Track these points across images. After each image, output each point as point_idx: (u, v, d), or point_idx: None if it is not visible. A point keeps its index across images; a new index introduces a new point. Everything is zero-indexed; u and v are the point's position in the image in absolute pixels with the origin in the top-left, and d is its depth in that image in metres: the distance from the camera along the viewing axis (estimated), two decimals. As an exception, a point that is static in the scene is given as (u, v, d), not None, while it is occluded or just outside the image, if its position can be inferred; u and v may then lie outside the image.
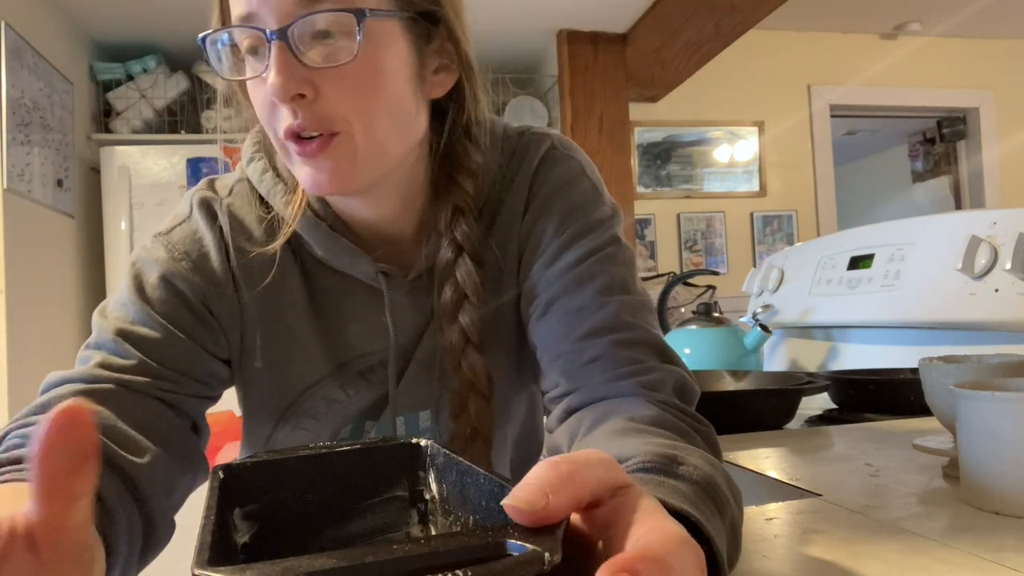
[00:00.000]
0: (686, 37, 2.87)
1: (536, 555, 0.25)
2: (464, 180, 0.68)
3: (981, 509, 0.53)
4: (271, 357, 0.68)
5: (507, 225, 0.70)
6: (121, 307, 0.63)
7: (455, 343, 0.66)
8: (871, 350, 1.36)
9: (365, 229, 0.68)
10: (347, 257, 0.66)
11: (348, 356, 0.69)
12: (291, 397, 0.69)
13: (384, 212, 0.67)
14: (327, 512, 0.41)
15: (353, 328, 0.69)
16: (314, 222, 0.66)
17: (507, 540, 0.26)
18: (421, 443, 0.42)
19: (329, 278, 0.68)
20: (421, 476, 0.42)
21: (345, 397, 0.70)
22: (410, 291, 0.69)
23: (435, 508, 0.41)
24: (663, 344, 0.63)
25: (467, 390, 0.67)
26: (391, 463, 0.42)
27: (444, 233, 0.67)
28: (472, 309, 0.66)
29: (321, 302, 0.69)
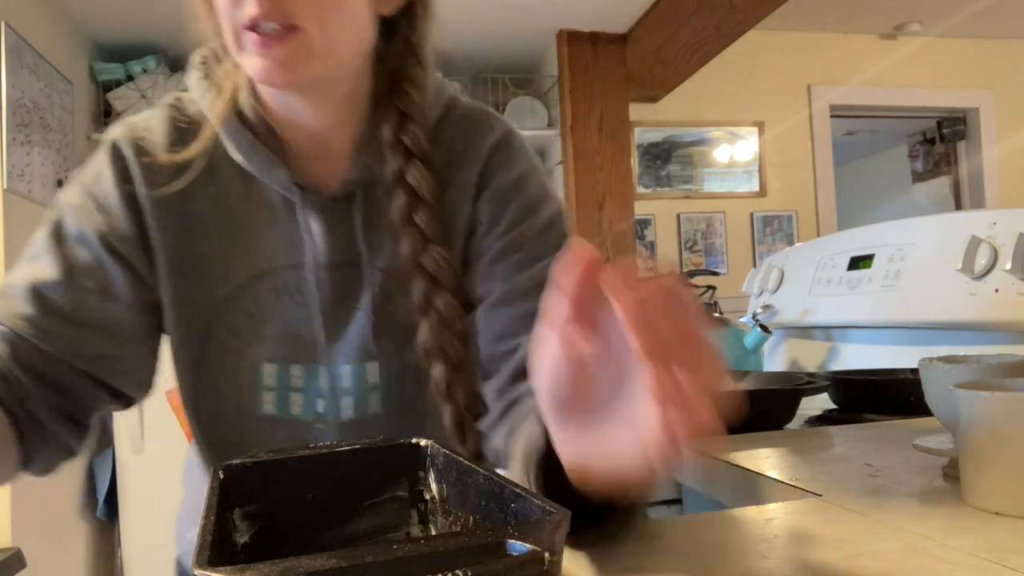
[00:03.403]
0: (686, 37, 2.87)
1: (536, 555, 0.25)
2: (411, 89, 0.69)
3: (981, 509, 0.52)
4: (187, 272, 0.68)
5: (457, 197, 0.70)
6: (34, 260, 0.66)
7: (414, 245, 0.66)
8: (871, 350, 1.36)
9: (299, 135, 0.68)
10: (264, 164, 0.67)
11: (261, 268, 0.69)
12: (210, 312, 0.69)
13: (323, 118, 0.67)
14: (327, 512, 0.41)
15: (271, 240, 0.69)
16: (238, 127, 0.67)
17: (507, 540, 0.26)
18: (421, 443, 0.43)
19: (246, 188, 0.69)
20: (421, 476, 0.43)
21: (259, 311, 0.69)
22: (330, 209, 0.68)
23: (435, 508, 0.41)
24: None
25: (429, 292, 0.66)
26: (391, 463, 0.43)
27: (390, 142, 0.67)
28: (428, 211, 0.66)
29: (236, 212, 0.69)
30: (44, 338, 0.63)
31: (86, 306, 0.65)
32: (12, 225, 2.28)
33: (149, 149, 0.68)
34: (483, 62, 3.10)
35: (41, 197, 2.48)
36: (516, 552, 0.26)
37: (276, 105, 0.67)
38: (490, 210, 0.70)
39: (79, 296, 0.65)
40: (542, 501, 0.30)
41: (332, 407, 0.70)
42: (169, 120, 0.70)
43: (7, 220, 2.25)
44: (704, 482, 0.77)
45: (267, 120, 0.68)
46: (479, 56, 3.07)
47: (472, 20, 2.78)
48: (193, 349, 0.70)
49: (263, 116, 0.68)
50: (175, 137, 0.68)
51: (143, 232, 0.67)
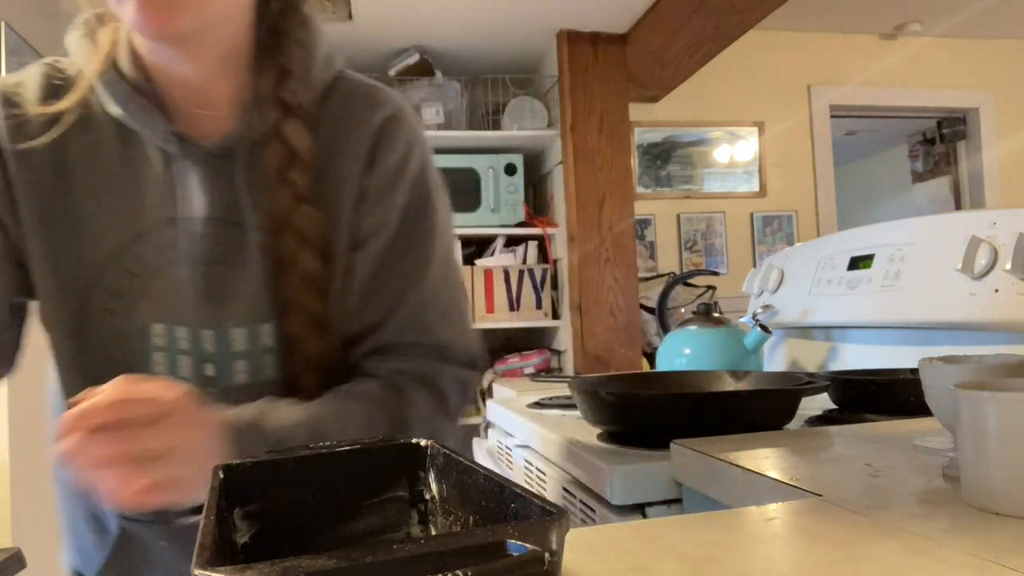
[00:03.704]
0: (686, 37, 2.87)
1: (536, 555, 0.25)
2: (293, 46, 0.69)
3: (981, 509, 0.52)
4: (60, 227, 0.67)
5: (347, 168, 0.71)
6: None
7: (285, 201, 0.66)
8: (871, 350, 1.36)
9: (178, 89, 0.68)
10: (141, 115, 0.66)
11: (146, 225, 0.68)
12: (88, 272, 0.68)
13: (201, 71, 0.67)
14: (327, 512, 0.41)
15: (152, 196, 0.68)
16: (115, 78, 0.66)
17: (507, 540, 0.26)
18: (421, 443, 0.43)
19: (125, 144, 0.68)
20: (421, 476, 0.43)
21: (143, 270, 0.68)
22: (208, 163, 0.68)
23: (435, 508, 0.42)
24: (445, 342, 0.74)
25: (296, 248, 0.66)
26: (391, 463, 0.43)
27: (267, 97, 0.67)
28: (302, 169, 0.67)
29: (114, 168, 0.68)
30: None
31: None
32: (12, 225, 2.28)
33: (18, 102, 0.67)
34: (483, 62, 3.10)
35: (41, 197, 2.48)
36: (516, 552, 0.26)
37: (154, 58, 0.67)
38: (373, 189, 0.72)
39: None
40: (542, 501, 0.30)
41: (224, 372, 0.69)
42: (44, 76, 0.69)
43: (7, 220, 2.25)
44: (704, 482, 0.77)
45: (146, 73, 0.67)
46: (479, 56, 3.07)
47: (472, 20, 2.78)
48: (72, 309, 0.68)
49: (142, 69, 0.67)
50: (49, 92, 0.68)
51: (7, 185, 0.66)
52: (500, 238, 2.96)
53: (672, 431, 0.85)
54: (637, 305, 2.91)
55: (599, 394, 0.95)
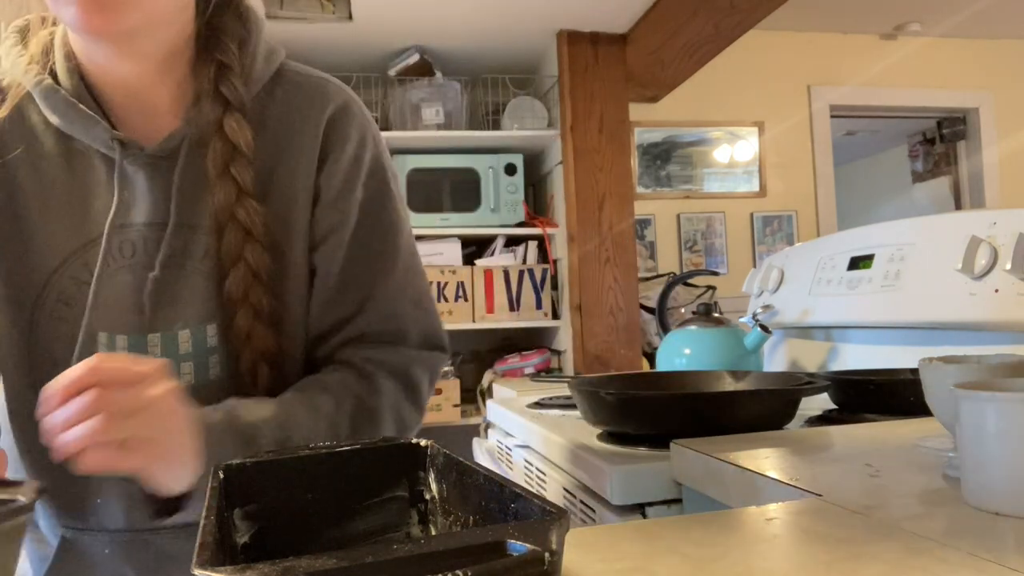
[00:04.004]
0: (686, 37, 2.87)
1: (536, 554, 0.25)
2: (229, 41, 0.69)
3: (981, 509, 0.52)
4: (9, 245, 0.67)
5: (298, 164, 0.71)
6: None
7: (228, 196, 0.66)
8: (871, 350, 1.36)
9: (118, 92, 0.67)
10: (81, 123, 0.66)
11: (93, 232, 0.67)
12: (39, 282, 0.67)
13: (142, 72, 0.66)
14: (327, 512, 0.41)
15: (97, 203, 0.68)
16: (51, 87, 0.65)
17: (507, 540, 0.26)
18: (421, 443, 0.43)
19: (66, 152, 0.67)
20: (421, 476, 0.43)
21: (90, 278, 0.67)
22: (152, 167, 0.67)
23: (435, 508, 0.42)
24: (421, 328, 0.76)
25: (240, 242, 0.66)
26: (391, 463, 0.43)
27: (208, 93, 0.67)
28: (245, 163, 0.66)
29: (57, 179, 0.67)
30: None
31: None
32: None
33: None
34: (483, 62, 3.10)
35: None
36: (516, 552, 0.26)
37: (92, 60, 0.66)
38: (330, 186, 0.72)
39: None
40: (542, 501, 0.30)
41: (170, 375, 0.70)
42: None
43: (7, 220, 2.25)
44: (704, 482, 0.77)
45: (84, 79, 0.66)
46: (479, 56, 3.07)
47: (472, 20, 2.78)
48: (22, 322, 0.68)
49: (79, 75, 0.66)
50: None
51: None
52: (500, 238, 2.96)
53: (672, 431, 0.85)
54: (637, 305, 2.91)
55: (599, 394, 0.95)
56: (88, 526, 0.71)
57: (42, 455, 0.70)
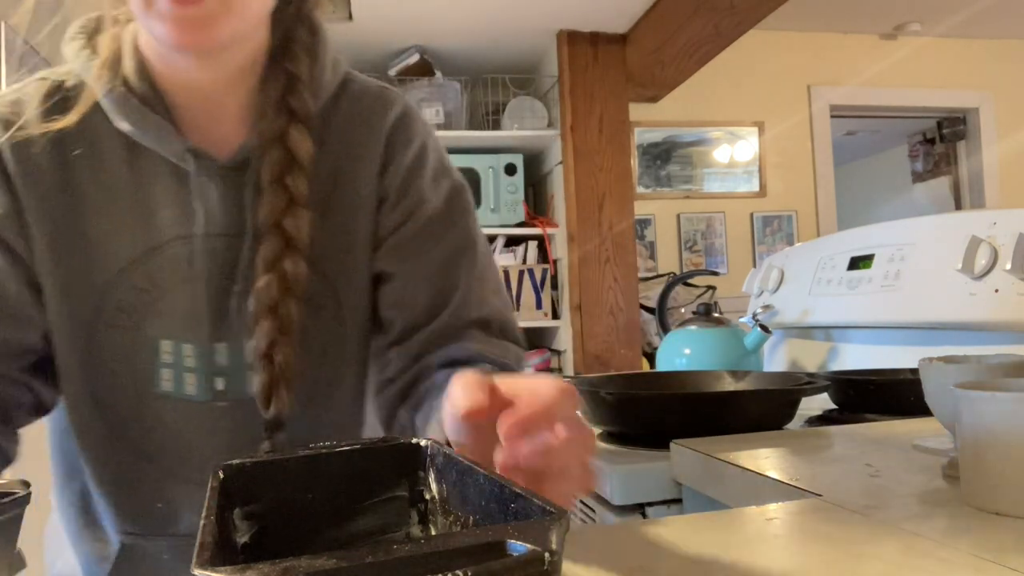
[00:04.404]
0: (686, 37, 2.87)
1: (536, 554, 0.25)
2: (301, 53, 0.68)
3: (981, 509, 0.52)
4: (71, 252, 0.65)
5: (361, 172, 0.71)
6: None
7: (277, 205, 0.65)
8: (871, 350, 1.36)
9: (189, 100, 0.66)
10: (154, 132, 0.64)
11: (157, 241, 0.66)
12: (98, 290, 0.66)
13: (218, 82, 0.65)
14: (328, 512, 0.41)
15: (164, 212, 0.66)
16: (124, 94, 0.64)
17: (507, 540, 0.26)
18: (421, 443, 0.43)
19: (131, 158, 0.66)
20: (421, 476, 0.43)
21: (152, 286, 0.67)
22: (223, 178, 0.67)
23: (435, 508, 0.42)
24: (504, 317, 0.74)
25: (279, 252, 0.65)
26: (391, 463, 0.43)
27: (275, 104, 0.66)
28: (301, 174, 0.66)
29: (121, 185, 0.66)
30: None
31: None
32: (12, 225, 2.28)
33: (19, 123, 0.64)
34: (483, 62, 3.10)
35: (41, 197, 2.48)
36: (516, 552, 0.26)
37: (168, 68, 0.64)
38: (394, 187, 0.72)
39: None
40: (542, 501, 0.30)
41: (237, 384, 0.68)
42: (42, 93, 0.66)
43: (7, 220, 2.25)
44: (704, 482, 0.77)
45: (155, 85, 0.65)
46: (479, 56, 3.07)
47: (472, 20, 2.78)
48: (81, 326, 0.67)
49: (150, 81, 0.65)
50: (50, 109, 0.65)
51: (19, 212, 0.64)
52: (500, 238, 2.96)
53: (672, 431, 0.85)
54: (637, 305, 2.91)
55: (599, 394, 0.95)
56: (149, 531, 0.70)
57: (102, 462, 0.70)
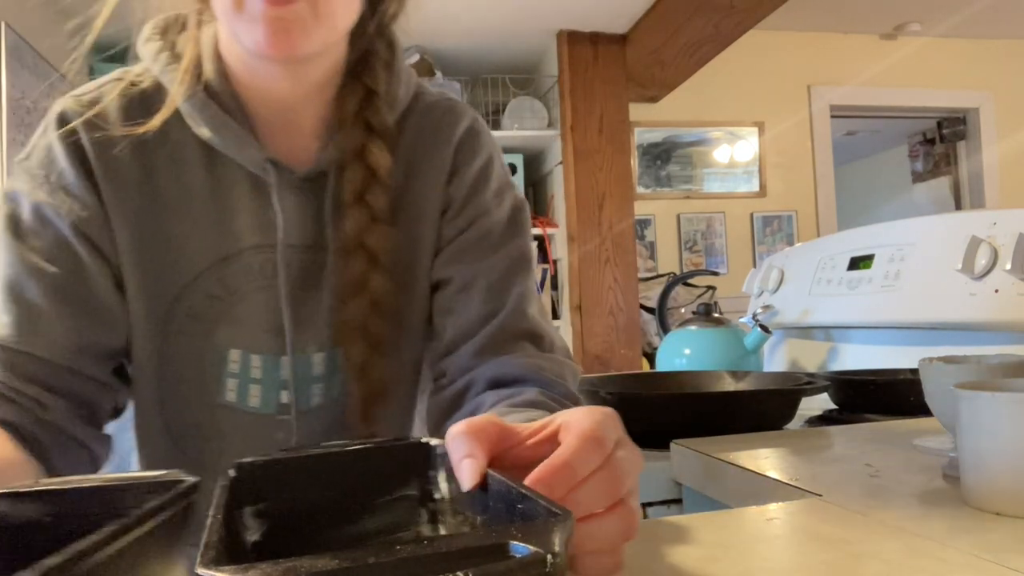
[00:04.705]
0: (686, 37, 2.87)
1: (538, 556, 0.25)
2: (380, 67, 0.68)
3: (981, 509, 0.53)
4: (149, 254, 0.65)
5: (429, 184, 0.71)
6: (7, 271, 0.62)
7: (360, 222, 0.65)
8: (871, 350, 1.36)
9: (267, 109, 0.66)
10: (235, 141, 0.64)
11: (232, 249, 0.66)
12: (172, 294, 0.66)
13: (298, 92, 0.65)
14: (338, 510, 0.41)
15: (239, 220, 0.66)
16: (205, 100, 0.63)
17: (510, 541, 0.26)
18: (431, 443, 0.43)
19: (209, 164, 0.65)
20: (431, 476, 0.43)
21: (226, 294, 0.66)
22: (300, 189, 0.66)
23: (445, 508, 0.42)
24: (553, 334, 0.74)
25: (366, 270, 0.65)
26: (402, 463, 0.43)
27: (352, 119, 0.66)
28: (381, 190, 0.66)
29: (198, 190, 0.66)
30: (35, 344, 0.60)
31: (67, 297, 0.62)
32: (12, 225, 2.28)
33: (101, 124, 0.63)
34: (483, 62, 3.10)
35: (41, 197, 2.48)
36: (519, 554, 0.26)
37: (250, 76, 0.64)
38: (459, 196, 0.72)
39: (56, 288, 0.61)
40: (547, 502, 0.30)
41: (301, 396, 0.68)
42: (121, 93, 0.65)
43: (7, 220, 2.25)
44: (704, 482, 0.77)
45: (235, 93, 0.65)
46: (479, 56, 3.07)
47: (472, 20, 2.78)
48: (155, 335, 0.66)
49: (231, 88, 0.64)
50: (130, 111, 0.64)
51: (104, 212, 0.64)
52: (500, 238, 2.96)
53: (672, 431, 0.85)
54: (637, 305, 2.91)
55: (599, 394, 0.95)
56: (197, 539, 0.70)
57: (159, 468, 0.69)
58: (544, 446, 0.38)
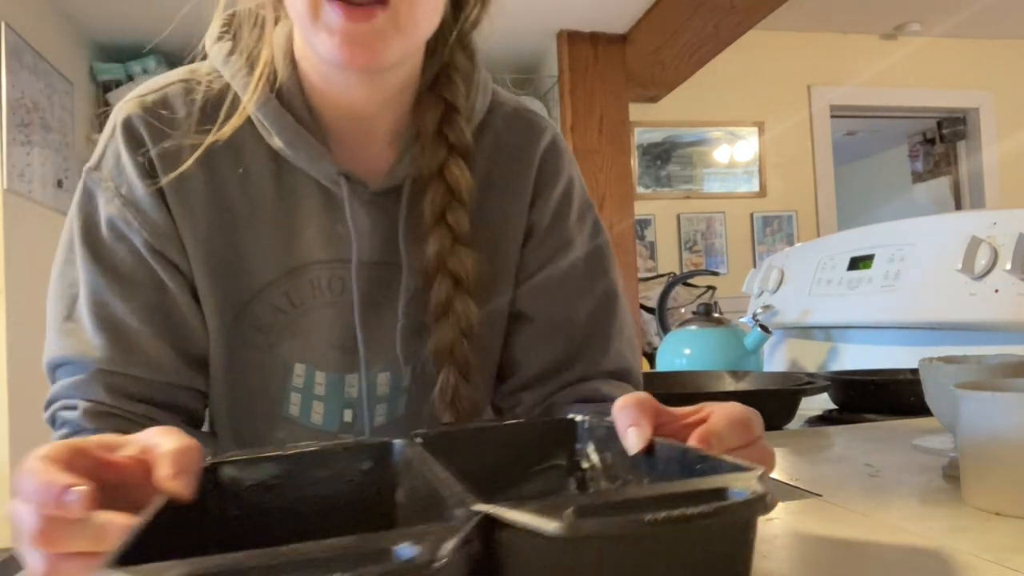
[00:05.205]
0: (686, 37, 2.87)
1: (759, 496, 0.29)
2: (459, 80, 0.65)
3: (981, 509, 0.52)
4: (218, 265, 0.63)
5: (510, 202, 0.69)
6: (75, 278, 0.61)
7: (443, 245, 0.62)
8: (871, 350, 1.36)
9: (342, 123, 0.63)
10: (308, 153, 0.61)
11: (299, 262, 0.64)
12: (239, 305, 0.64)
13: (373, 104, 0.62)
14: (498, 477, 0.46)
15: (308, 233, 0.64)
16: (278, 111, 0.61)
17: (728, 487, 0.30)
18: (577, 419, 0.48)
19: (277, 174, 0.63)
20: (578, 448, 0.47)
21: (291, 307, 0.65)
22: (372, 204, 0.64)
23: (596, 475, 0.46)
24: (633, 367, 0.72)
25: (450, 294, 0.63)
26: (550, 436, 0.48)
27: (432, 134, 0.63)
28: (462, 210, 0.63)
29: (266, 201, 0.63)
30: (132, 365, 0.60)
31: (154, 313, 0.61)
32: (12, 225, 2.28)
33: (169, 132, 0.61)
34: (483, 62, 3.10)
35: (41, 197, 2.48)
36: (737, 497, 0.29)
37: (325, 84, 0.61)
38: (542, 224, 0.70)
39: (142, 306, 0.61)
40: (733, 460, 0.33)
41: (363, 416, 0.67)
42: (188, 97, 0.62)
43: (7, 220, 2.25)
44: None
45: (308, 102, 0.62)
46: (479, 56, 3.07)
47: (472, 20, 2.77)
48: (224, 345, 0.65)
49: (305, 97, 0.62)
50: (198, 117, 0.61)
51: (174, 225, 0.62)
52: (500, 238, 2.96)
53: (672, 431, 0.85)
54: (637, 305, 2.91)
55: (599, 394, 0.95)
56: None
57: None
58: (694, 427, 0.42)
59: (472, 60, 0.67)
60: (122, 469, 0.38)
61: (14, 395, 2.23)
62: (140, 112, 0.61)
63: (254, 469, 0.40)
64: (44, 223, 2.52)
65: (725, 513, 0.28)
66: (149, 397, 0.61)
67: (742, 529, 0.31)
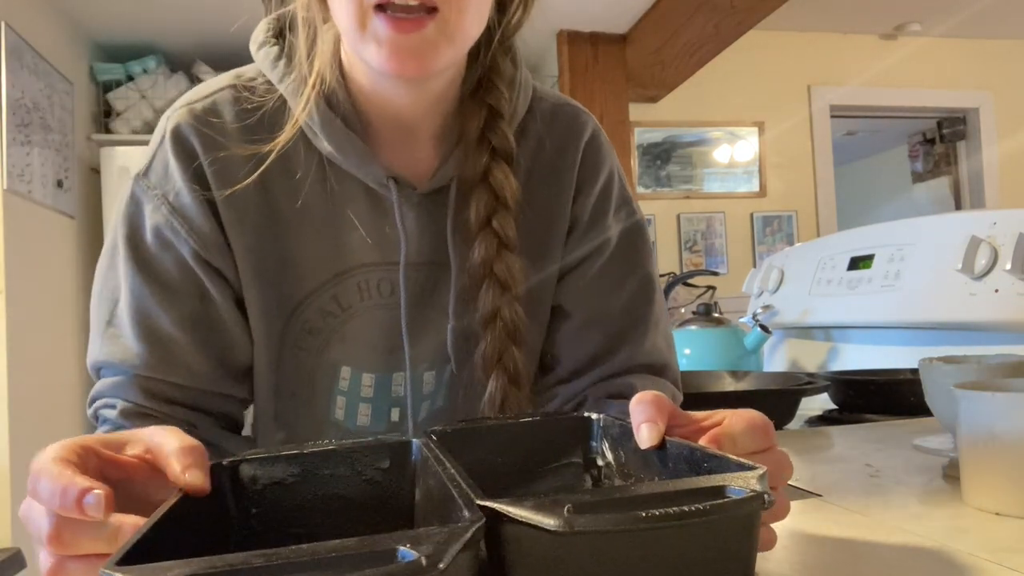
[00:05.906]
0: (686, 37, 2.87)
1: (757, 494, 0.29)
2: (502, 85, 0.65)
3: (981, 509, 0.53)
4: (267, 272, 0.63)
5: (554, 198, 0.69)
6: (118, 285, 0.61)
7: (488, 250, 0.62)
8: (871, 350, 1.36)
9: (387, 126, 0.63)
10: (357, 158, 0.61)
11: (347, 265, 0.64)
12: (289, 309, 0.64)
13: (418, 108, 0.62)
14: (514, 473, 0.46)
15: (355, 236, 0.64)
16: (327, 116, 0.61)
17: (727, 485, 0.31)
18: (592, 417, 0.48)
19: (324, 178, 0.63)
20: (594, 446, 0.48)
21: (339, 310, 0.65)
22: (420, 206, 0.64)
23: (611, 472, 0.47)
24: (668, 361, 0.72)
25: (497, 299, 0.63)
26: (566, 434, 0.48)
27: (475, 139, 0.63)
28: (507, 216, 0.63)
29: (313, 205, 0.63)
30: (173, 374, 0.60)
31: (197, 324, 0.61)
32: (12, 225, 2.28)
33: (219, 140, 0.61)
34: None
35: (41, 197, 2.48)
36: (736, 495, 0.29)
37: (372, 89, 0.61)
38: (583, 217, 0.70)
39: (185, 316, 0.61)
40: (738, 460, 0.34)
41: (413, 416, 0.68)
42: (237, 104, 0.62)
43: (7, 220, 2.25)
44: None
45: (356, 106, 0.62)
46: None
47: (472, 20, 2.77)
48: (272, 349, 0.65)
49: (353, 102, 0.62)
50: (247, 124, 0.61)
51: (223, 233, 0.62)
52: (500, 238, 2.96)
53: (672, 431, 0.85)
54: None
55: (599, 394, 0.95)
56: None
57: None
58: (709, 430, 0.43)
59: (514, 62, 0.67)
60: (127, 467, 0.38)
61: (14, 395, 2.23)
62: (190, 120, 0.61)
63: (273, 468, 0.41)
64: (44, 223, 2.52)
65: (720, 511, 0.29)
66: (189, 403, 0.61)
67: (742, 527, 0.31)
